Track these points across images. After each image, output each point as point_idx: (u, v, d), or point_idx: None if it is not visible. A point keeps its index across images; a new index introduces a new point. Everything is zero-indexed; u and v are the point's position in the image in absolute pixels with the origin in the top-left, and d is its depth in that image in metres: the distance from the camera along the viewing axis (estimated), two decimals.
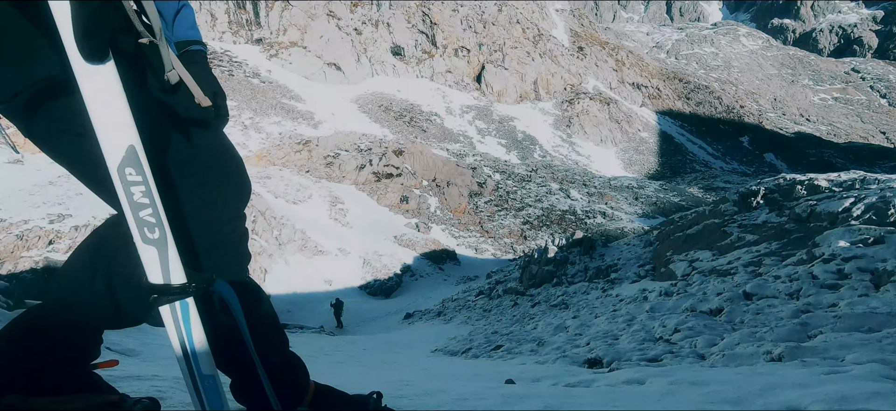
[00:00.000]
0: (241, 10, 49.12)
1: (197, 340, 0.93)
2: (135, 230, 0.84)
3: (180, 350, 0.93)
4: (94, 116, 0.76)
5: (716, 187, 40.75)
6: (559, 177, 40.76)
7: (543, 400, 1.85)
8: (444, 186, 33.75)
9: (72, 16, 0.66)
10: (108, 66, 0.76)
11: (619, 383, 2.61)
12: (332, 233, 25.14)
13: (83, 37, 0.69)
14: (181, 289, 0.89)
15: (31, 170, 21.57)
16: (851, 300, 4.13)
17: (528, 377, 3.59)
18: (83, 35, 0.68)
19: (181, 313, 0.92)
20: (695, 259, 9.06)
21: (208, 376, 0.96)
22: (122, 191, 0.81)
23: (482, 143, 46.34)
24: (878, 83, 79.85)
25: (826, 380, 1.95)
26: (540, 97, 56.92)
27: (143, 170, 0.81)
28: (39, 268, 15.27)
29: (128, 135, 0.79)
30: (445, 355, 8.27)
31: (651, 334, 5.26)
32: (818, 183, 9.69)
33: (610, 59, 65.72)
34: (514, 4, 60.16)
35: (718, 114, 64.39)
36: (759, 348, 3.59)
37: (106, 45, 0.74)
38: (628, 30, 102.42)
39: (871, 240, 5.38)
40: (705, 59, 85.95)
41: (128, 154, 0.79)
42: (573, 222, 32.30)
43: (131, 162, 0.80)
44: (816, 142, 60.68)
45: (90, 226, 16.96)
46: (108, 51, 0.75)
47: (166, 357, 3.74)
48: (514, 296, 13.82)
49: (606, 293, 9.61)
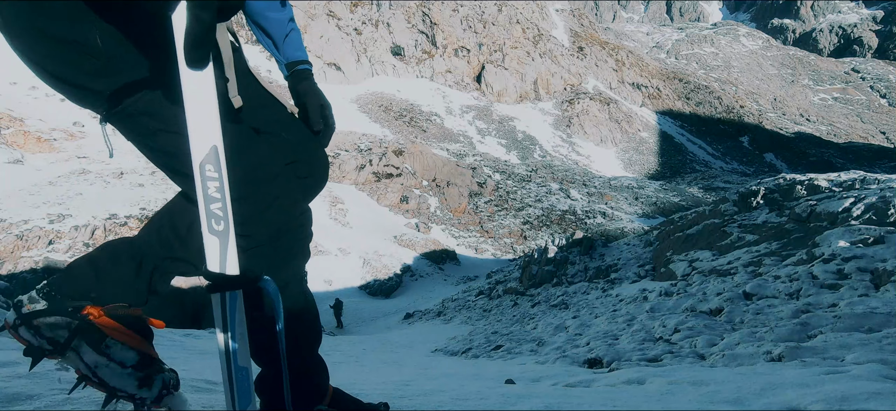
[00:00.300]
0: None
1: (238, 331, 1.01)
2: (204, 219, 0.95)
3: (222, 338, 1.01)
4: (189, 117, 0.89)
5: (716, 187, 40.76)
6: (559, 177, 40.76)
7: (543, 400, 1.85)
8: (444, 186, 33.75)
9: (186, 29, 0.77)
10: (206, 72, 0.88)
11: (619, 383, 2.61)
12: (332, 233, 25.15)
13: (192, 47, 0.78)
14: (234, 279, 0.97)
15: (31, 170, 21.58)
16: (851, 300, 4.13)
17: (528, 377, 3.59)
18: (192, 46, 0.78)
19: (229, 303, 0.99)
20: (695, 259, 9.07)
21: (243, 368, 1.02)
22: (199, 184, 0.92)
23: (482, 143, 46.35)
24: (878, 83, 79.88)
25: (826, 380, 1.95)
26: (540, 97, 56.94)
27: (220, 168, 0.92)
28: (39, 268, 15.27)
29: (213, 136, 0.91)
30: (445, 355, 8.27)
31: (651, 334, 5.26)
32: (818, 183, 9.69)
33: (610, 59, 65.74)
34: (514, 4, 60.16)
35: (718, 114, 64.40)
36: (759, 348, 3.59)
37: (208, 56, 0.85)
38: (628, 30, 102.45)
39: (871, 240, 5.38)
40: (705, 59, 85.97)
41: (210, 152, 0.91)
42: (573, 222, 32.31)
43: (212, 160, 0.91)
44: (816, 142, 60.71)
45: (90, 226, 16.97)
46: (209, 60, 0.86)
47: (166, 357, 3.73)
48: (514, 295, 13.83)
49: (606, 293, 9.61)
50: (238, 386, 1.02)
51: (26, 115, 26.90)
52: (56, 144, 24.96)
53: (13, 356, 1.92)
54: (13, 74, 34.94)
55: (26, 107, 29.35)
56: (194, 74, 0.86)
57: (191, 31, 0.77)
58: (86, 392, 1.45)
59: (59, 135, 25.99)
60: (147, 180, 21.67)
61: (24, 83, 34.30)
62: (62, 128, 27.41)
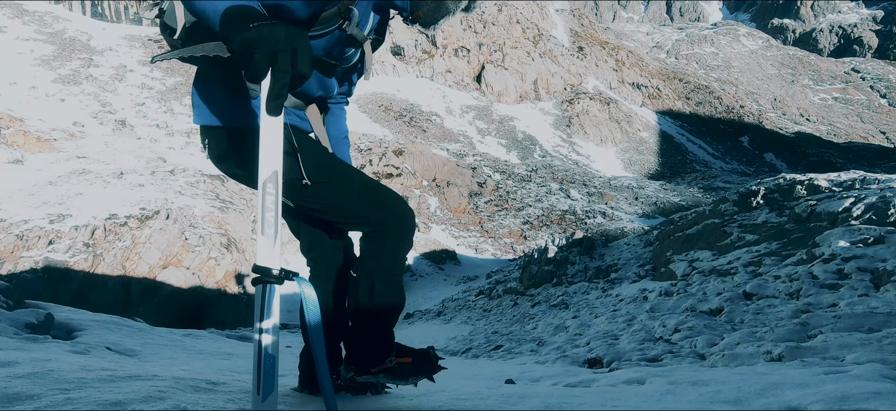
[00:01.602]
0: None
1: (272, 322, 1.17)
2: (260, 224, 1.18)
3: (258, 325, 1.17)
4: (262, 149, 1.19)
5: (716, 187, 40.74)
6: (559, 177, 40.75)
7: (543, 400, 1.85)
8: (444, 186, 33.75)
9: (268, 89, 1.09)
10: (278, 119, 1.19)
11: (619, 383, 2.61)
12: None
13: (271, 100, 1.09)
14: (275, 275, 1.16)
15: (31, 170, 21.58)
16: (851, 300, 4.13)
17: (528, 377, 3.59)
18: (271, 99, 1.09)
19: (269, 295, 1.17)
20: (695, 259, 9.06)
21: (271, 356, 1.17)
22: (260, 196, 1.18)
23: (482, 143, 46.34)
24: (878, 83, 79.83)
25: (826, 380, 1.95)
26: (540, 97, 56.91)
27: (277, 188, 1.19)
28: (39, 268, 15.26)
29: (275, 163, 1.19)
30: (445, 355, 8.26)
31: (651, 334, 5.26)
32: (818, 183, 9.69)
33: (610, 59, 65.72)
34: (514, 4, 60.14)
35: (718, 114, 64.35)
36: (759, 348, 3.59)
37: (281, 108, 1.13)
38: (628, 30, 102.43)
39: (871, 240, 5.38)
40: (705, 59, 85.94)
41: (271, 175, 1.18)
42: (573, 222, 32.29)
43: (272, 181, 1.18)
44: (816, 142, 60.68)
45: (90, 225, 16.96)
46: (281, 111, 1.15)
47: (166, 357, 3.74)
48: (514, 295, 13.83)
49: (606, 293, 9.61)
50: (264, 371, 1.16)
51: (26, 115, 26.89)
52: (56, 144, 24.95)
53: (13, 356, 1.92)
54: (13, 74, 34.95)
55: (26, 107, 29.34)
56: (269, 119, 1.17)
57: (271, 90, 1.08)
58: (85, 392, 1.45)
59: (59, 135, 25.99)
60: (147, 180, 21.67)
61: (23, 83, 34.31)
62: (62, 128, 27.41)
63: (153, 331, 5.25)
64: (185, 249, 17.28)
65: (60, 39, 41.69)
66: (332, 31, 1.42)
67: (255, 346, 1.17)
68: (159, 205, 18.70)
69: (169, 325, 8.75)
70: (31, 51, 38.98)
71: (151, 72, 40.71)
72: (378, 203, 1.60)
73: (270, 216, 1.17)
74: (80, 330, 4.13)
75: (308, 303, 1.25)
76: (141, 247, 16.74)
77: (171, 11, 1.45)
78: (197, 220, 18.65)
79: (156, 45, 44.93)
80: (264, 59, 1.04)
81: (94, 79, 37.75)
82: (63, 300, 12.29)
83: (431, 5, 1.56)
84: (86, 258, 15.90)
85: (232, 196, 22.02)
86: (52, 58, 38.90)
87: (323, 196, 1.54)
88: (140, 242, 16.83)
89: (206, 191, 21.56)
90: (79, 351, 3.01)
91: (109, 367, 1.91)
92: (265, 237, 1.17)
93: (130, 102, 36.23)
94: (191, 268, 16.95)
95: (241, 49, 1.05)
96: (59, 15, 45.74)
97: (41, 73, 36.60)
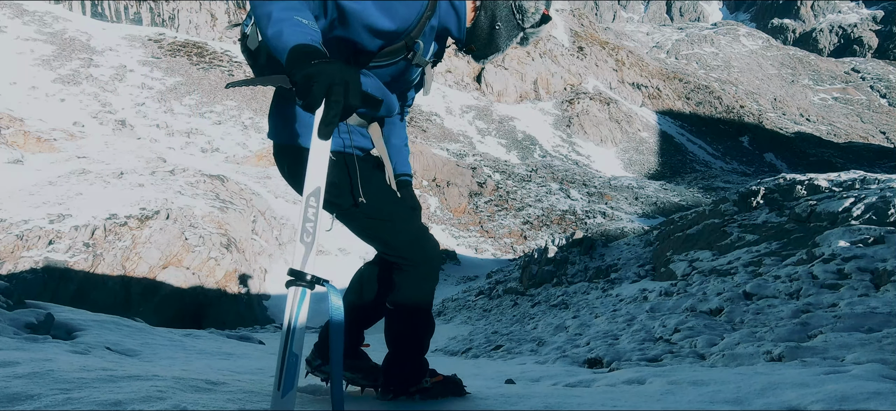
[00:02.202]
0: (241, 10, 49.13)
1: (299, 324, 1.25)
2: (299, 231, 1.28)
3: (287, 325, 1.24)
4: (310, 166, 1.31)
5: (716, 187, 40.74)
6: (559, 177, 40.75)
7: (543, 400, 1.85)
8: (444, 186, 33.75)
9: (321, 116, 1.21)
10: (327, 143, 1.31)
11: (619, 383, 2.61)
12: (332, 233, 25.11)
13: (323, 126, 1.20)
14: (308, 280, 1.25)
15: (31, 170, 21.58)
16: (851, 300, 4.13)
17: (528, 377, 3.59)
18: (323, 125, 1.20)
19: (299, 298, 1.25)
20: (695, 259, 9.06)
21: (295, 354, 1.23)
22: (303, 207, 1.29)
23: (482, 143, 46.35)
24: (878, 83, 79.82)
25: (826, 380, 1.95)
26: (540, 97, 56.92)
27: (319, 201, 1.30)
28: (39, 268, 15.25)
29: (320, 180, 1.31)
30: (445, 355, 8.28)
31: (651, 334, 5.26)
32: (818, 183, 9.68)
33: (610, 59, 65.72)
34: None
35: (718, 114, 64.35)
36: (759, 348, 3.59)
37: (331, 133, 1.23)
38: (628, 30, 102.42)
39: (871, 240, 5.38)
40: (705, 59, 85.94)
41: (314, 190, 1.30)
42: (573, 222, 32.29)
43: (315, 195, 1.30)
44: (816, 142, 60.68)
45: (90, 225, 16.96)
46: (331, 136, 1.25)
47: (166, 357, 3.74)
48: (514, 295, 13.83)
49: (606, 293, 9.61)
50: (287, 369, 1.22)
51: (26, 115, 26.89)
52: (56, 144, 24.95)
53: (13, 356, 1.92)
54: (13, 74, 34.97)
55: (26, 107, 29.35)
56: (319, 142, 1.30)
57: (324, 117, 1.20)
58: (85, 392, 1.45)
59: (59, 135, 25.98)
60: (147, 180, 21.66)
61: (23, 83, 34.33)
62: (62, 128, 27.41)
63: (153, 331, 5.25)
64: (185, 249, 17.28)
65: (60, 39, 41.68)
66: (398, 62, 1.58)
67: (281, 345, 1.24)
68: (159, 205, 18.69)
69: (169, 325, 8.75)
70: (31, 51, 38.97)
71: (151, 72, 40.71)
72: (422, 248, 1.73)
73: (310, 226, 1.28)
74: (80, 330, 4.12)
75: (333, 310, 1.33)
76: (141, 247, 16.73)
77: (253, 36, 1.58)
78: (197, 220, 18.64)
79: (156, 45, 44.94)
80: (320, 91, 1.16)
81: (94, 79, 37.75)
82: (63, 300, 12.29)
83: (484, 41, 1.70)
84: (86, 258, 15.90)
85: (232, 196, 22.01)
86: (52, 58, 38.90)
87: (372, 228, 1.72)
88: (140, 242, 16.83)
89: (206, 191, 21.55)
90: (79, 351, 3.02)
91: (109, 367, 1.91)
92: (303, 245, 1.27)
93: (130, 102, 36.24)
94: (191, 268, 16.95)
95: (302, 82, 1.17)
96: (59, 15, 45.71)
97: (41, 72, 36.60)
